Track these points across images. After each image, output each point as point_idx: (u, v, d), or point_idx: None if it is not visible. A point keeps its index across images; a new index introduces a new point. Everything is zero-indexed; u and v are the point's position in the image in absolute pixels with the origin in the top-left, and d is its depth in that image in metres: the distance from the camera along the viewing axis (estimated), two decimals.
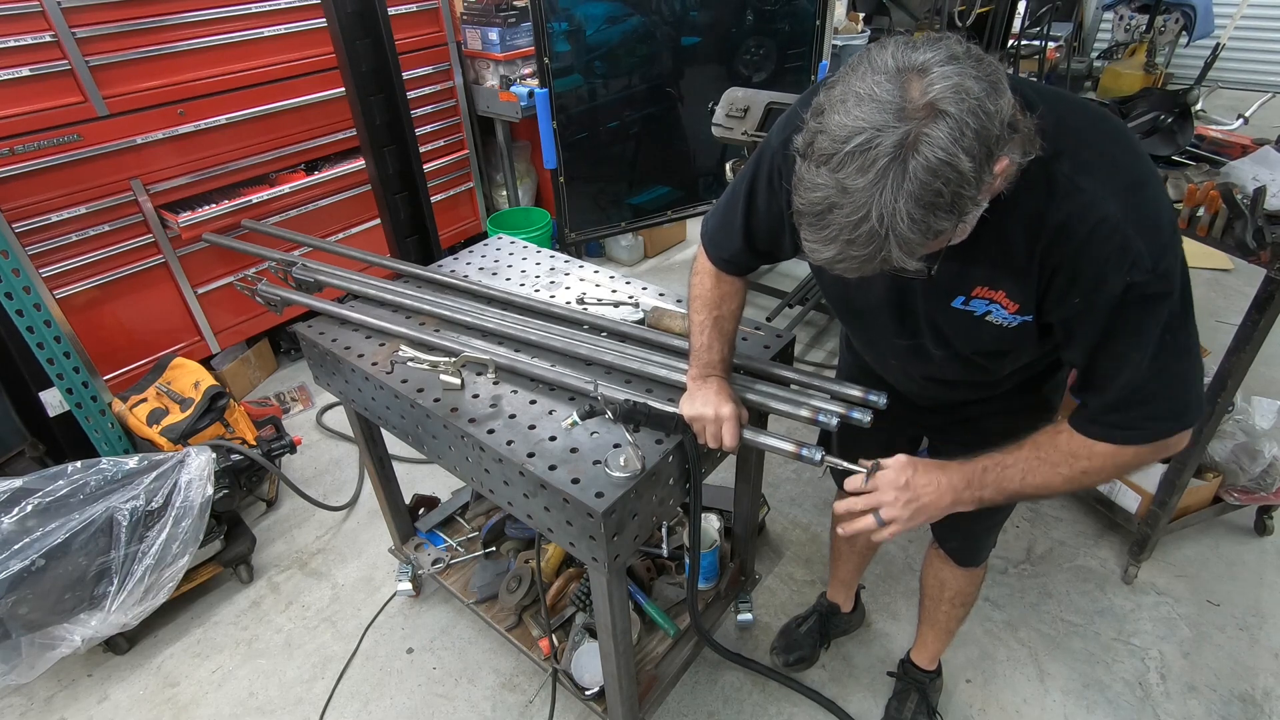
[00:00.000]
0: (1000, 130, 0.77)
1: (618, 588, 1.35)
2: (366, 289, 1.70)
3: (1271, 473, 2.15)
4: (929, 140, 0.74)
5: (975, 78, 0.75)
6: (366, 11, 2.23)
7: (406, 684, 1.98)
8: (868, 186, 0.75)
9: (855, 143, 0.75)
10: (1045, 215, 0.89)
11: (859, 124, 0.75)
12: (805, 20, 3.58)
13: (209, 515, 1.98)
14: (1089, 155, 0.89)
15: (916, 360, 1.20)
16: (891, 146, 0.74)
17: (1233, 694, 1.90)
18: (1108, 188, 0.88)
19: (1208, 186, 1.84)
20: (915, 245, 0.78)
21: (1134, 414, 0.98)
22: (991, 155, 0.77)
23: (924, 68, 0.76)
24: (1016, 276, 0.96)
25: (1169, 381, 0.96)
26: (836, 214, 0.78)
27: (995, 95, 0.76)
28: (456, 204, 3.86)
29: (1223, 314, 3.40)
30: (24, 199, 2.33)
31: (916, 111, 0.74)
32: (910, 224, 0.76)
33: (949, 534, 1.56)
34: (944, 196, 0.75)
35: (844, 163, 0.76)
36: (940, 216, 0.77)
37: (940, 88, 0.74)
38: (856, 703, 1.90)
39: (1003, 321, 1.01)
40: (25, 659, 1.77)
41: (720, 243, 1.26)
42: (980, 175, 0.77)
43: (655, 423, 1.23)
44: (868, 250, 0.79)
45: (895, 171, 0.74)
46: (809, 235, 0.83)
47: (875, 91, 0.76)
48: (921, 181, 0.74)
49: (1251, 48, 6.33)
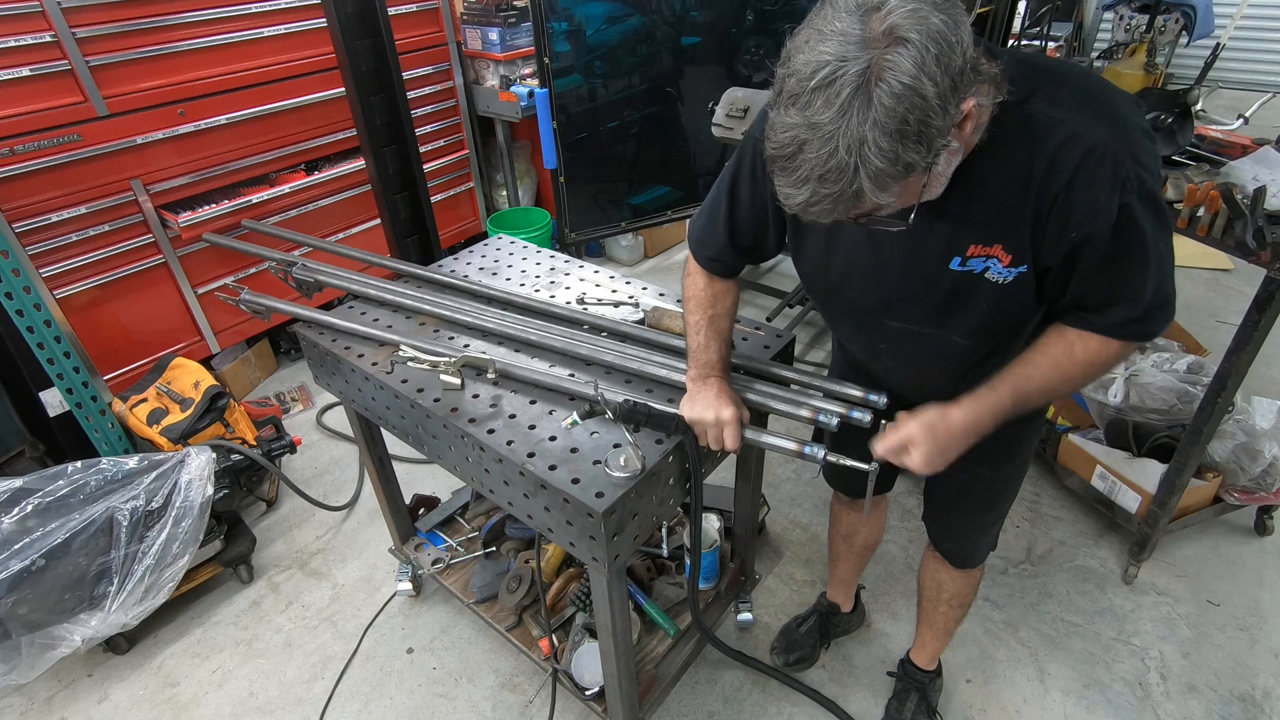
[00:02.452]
0: (963, 63, 0.78)
1: (618, 588, 1.35)
2: (366, 289, 1.70)
3: (1271, 473, 2.15)
4: (891, 66, 0.75)
5: (933, 7, 0.77)
6: (366, 11, 2.23)
7: (406, 684, 1.98)
8: (834, 118, 0.77)
9: (819, 77, 0.77)
10: (1031, 155, 0.91)
11: (822, 58, 0.77)
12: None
13: (209, 515, 1.98)
14: (1061, 90, 0.91)
15: (906, 344, 1.19)
16: (855, 75, 0.75)
17: (1233, 694, 1.90)
18: (1087, 114, 0.89)
19: (1208, 186, 1.84)
20: (885, 176, 0.79)
21: (1148, 317, 1.00)
22: (956, 87, 0.79)
23: (882, 2, 0.77)
24: (1010, 227, 0.97)
25: (1165, 280, 0.99)
26: (806, 152, 0.79)
27: (955, 28, 0.78)
28: (456, 204, 3.86)
29: (1223, 314, 3.39)
30: (24, 199, 2.33)
31: (877, 40, 0.76)
32: (878, 153, 0.77)
33: (943, 537, 1.56)
34: (910, 124, 0.77)
35: (811, 100, 0.78)
36: (909, 146, 0.78)
37: (899, 14, 0.76)
38: (856, 703, 1.90)
39: (999, 278, 1.01)
40: (25, 659, 1.77)
41: (706, 241, 1.27)
42: (945, 105, 0.78)
43: (655, 423, 1.23)
44: (839, 186, 0.80)
45: (860, 100, 0.76)
46: (781, 181, 0.84)
47: (836, 26, 0.78)
48: (887, 108, 0.76)
49: (1251, 48, 6.33)
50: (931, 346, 1.17)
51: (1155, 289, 0.98)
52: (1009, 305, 1.04)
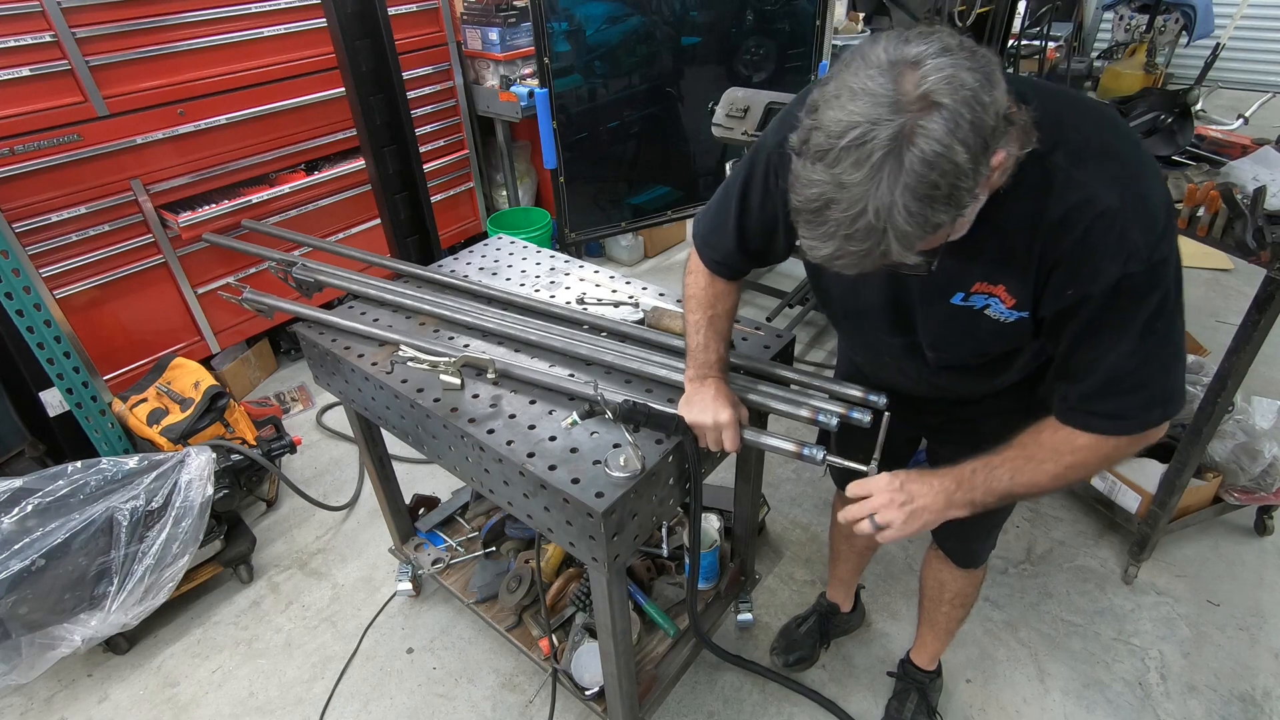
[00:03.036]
0: (996, 122, 0.76)
1: (618, 588, 1.35)
2: (366, 289, 1.70)
3: (1271, 473, 2.15)
4: (924, 132, 0.73)
5: (969, 69, 0.75)
6: (366, 11, 2.23)
7: (406, 684, 1.98)
8: (863, 180, 0.75)
9: (850, 137, 0.75)
10: (1044, 210, 0.89)
11: (853, 118, 0.75)
12: (805, 20, 3.58)
13: (209, 515, 1.98)
14: (1085, 147, 0.89)
15: (911, 361, 1.20)
16: (886, 140, 0.73)
17: (1233, 694, 1.90)
18: (1105, 178, 0.87)
19: (1208, 186, 1.84)
20: (913, 239, 0.78)
21: (1118, 403, 0.97)
22: (988, 147, 0.77)
23: (917, 60, 0.75)
24: (1016, 272, 0.96)
25: (1154, 370, 0.95)
26: (834, 209, 0.78)
27: (990, 87, 0.76)
28: (456, 204, 3.86)
29: (1223, 314, 3.40)
30: (24, 199, 2.33)
31: (911, 104, 0.74)
32: (907, 217, 0.76)
33: (947, 535, 1.55)
34: (940, 189, 0.75)
35: (839, 158, 0.76)
36: (938, 209, 0.77)
37: (934, 79, 0.74)
38: (856, 703, 1.90)
39: (1000, 316, 1.00)
40: (25, 659, 1.77)
41: (713, 244, 1.26)
42: (977, 167, 0.76)
43: (655, 423, 1.23)
44: (865, 245, 0.79)
45: (891, 165, 0.74)
46: (806, 233, 0.83)
47: (868, 85, 0.75)
48: (918, 174, 0.74)
49: (1251, 48, 6.33)
50: (934, 365, 1.17)
51: (1137, 370, 0.94)
52: (1009, 340, 1.05)
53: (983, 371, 1.17)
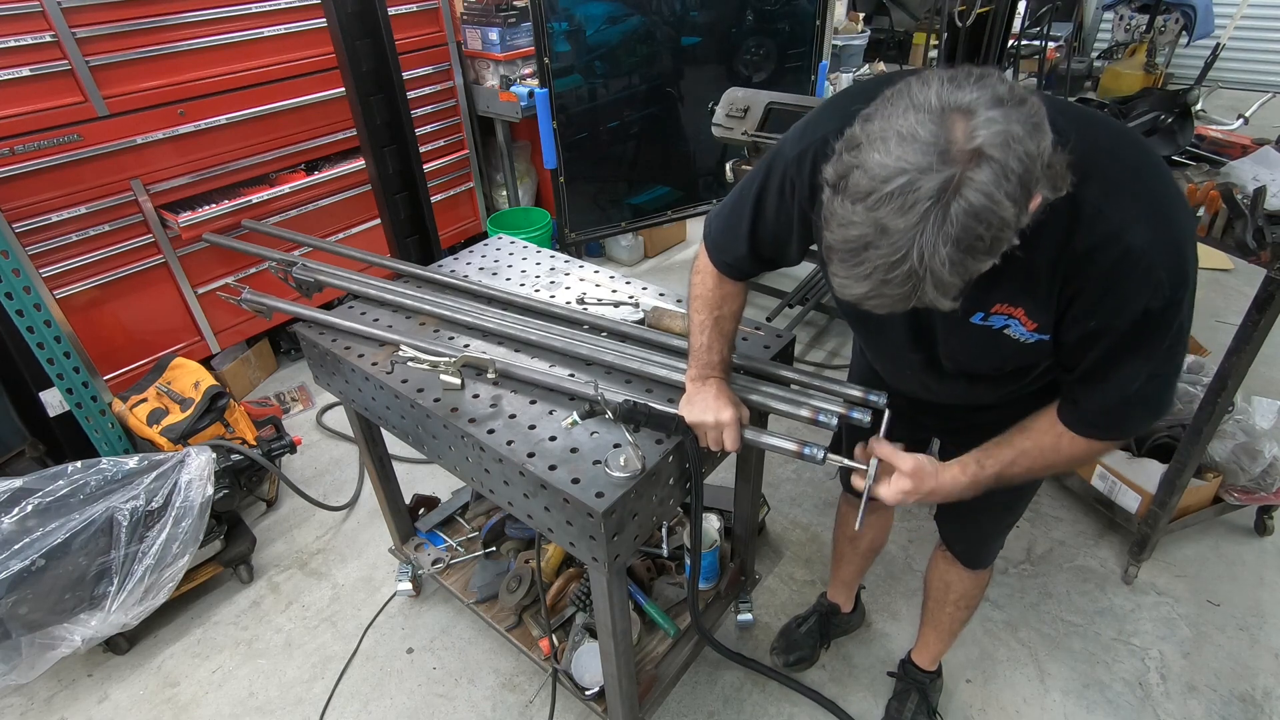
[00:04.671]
0: (1040, 172, 0.76)
1: (618, 588, 1.35)
2: (366, 289, 1.70)
3: (1271, 473, 2.15)
4: (973, 185, 0.72)
5: (1019, 121, 0.74)
6: (366, 11, 2.23)
7: (406, 684, 1.98)
8: (908, 229, 0.74)
9: (896, 184, 0.73)
10: (1070, 241, 0.89)
11: (900, 164, 0.73)
12: (805, 20, 3.58)
13: (209, 515, 1.98)
14: (1114, 180, 0.89)
15: (930, 373, 1.21)
16: (934, 190, 0.72)
17: (1233, 694, 1.90)
18: (1133, 214, 0.87)
19: (1208, 186, 1.84)
20: (952, 288, 0.78)
21: (1126, 414, 1.04)
22: (1030, 196, 0.76)
23: (969, 109, 0.74)
24: (1037, 297, 0.96)
25: (1162, 384, 1.00)
26: (872, 253, 0.77)
27: (1038, 137, 0.75)
28: (456, 204, 3.86)
29: (1223, 314, 3.40)
30: (24, 199, 2.33)
31: (961, 155, 0.73)
32: (950, 268, 0.75)
33: (957, 537, 1.55)
34: (984, 240, 0.75)
35: (882, 202, 0.74)
36: (979, 258, 0.76)
37: (986, 134, 0.72)
38: (856, 703, 1.90)
39: (1020, 337, 1.01)
40: (25, 659, 1.77)
41: (724, 246, 1.25)
42: (1019, 216, 0.76)
43: (655, 423, 1.23)
44: (903, 290, 0.78)
45: (936, 215, 0.73)
46: (840, 271, 0.82)
47: (918, 131, 0.74)
48: (963, 225, 0.73)
49: (1251, 48, 6.33)
50: (953, 375, 1.19)
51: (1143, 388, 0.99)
52: (1028, 358, 1.06)
53: (1002, 382, 1.18)
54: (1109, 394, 1.01)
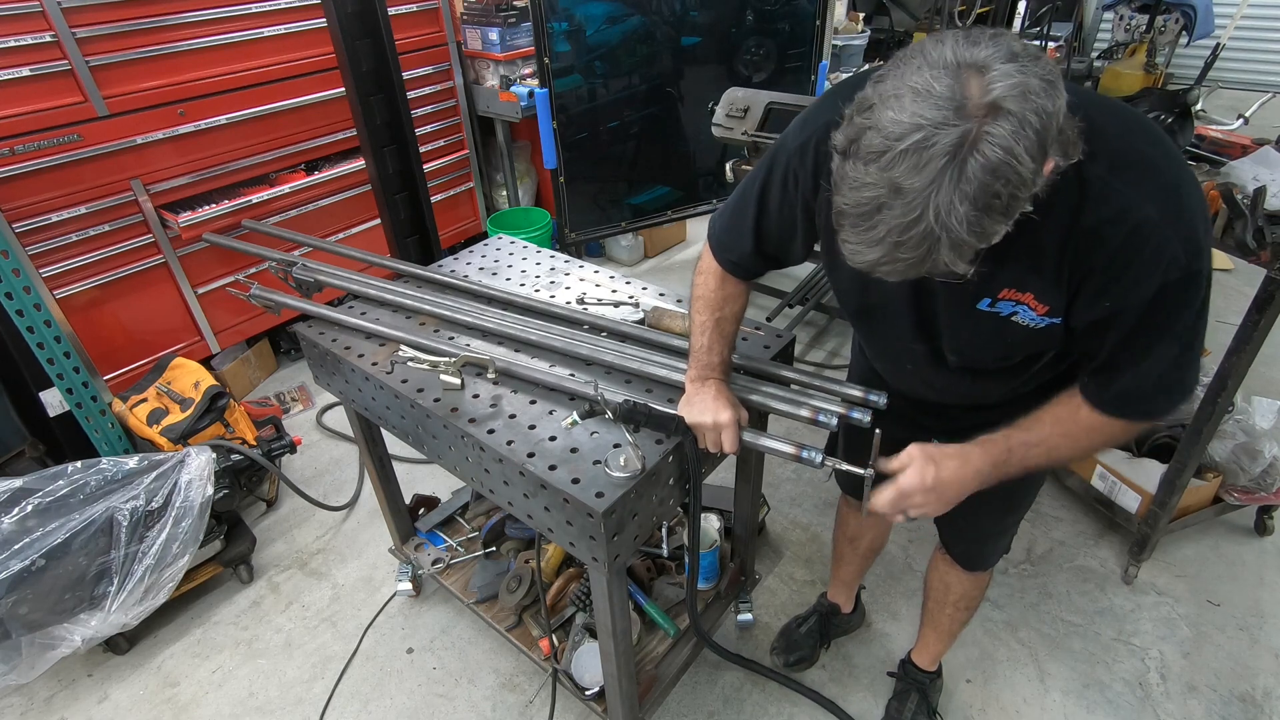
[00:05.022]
0: (1054, 131, 0.75)
1: (618, 588, 1.35)
2: (366, 289, 1.70)
3: (1271, 473, 2.14)
4: (990, 139, 0.71)
5: (1036, 76, 0.73)
6: (366, 11, 2.23)
7: (406, 684, 1.98)
8: (923, 187, 0.72)
9: (911, 140, 0.72)
10: (1078, 218, 0.88)
11: (916, 120, 0.72)
12: (805, 20, 3.58)
13: (209, 515, 1.98)
14: (1124, 156, 0.87)
15: (933, 367, 1.19)
16: (950, 145, 0.71)
17: (1233, 694, 1.90)
18: (1144, 189, 0.86)
19: (1208, 186, 1.84)
20: (967, 248, 0.76)
21: (1153, 396, 1.01)
22: (1046, 155, 0.75)
23: (984, 65, 0.73)
24: (1045, 278, 0.95)
25: (1185, 368, 0.98)
26: (886, 214, 0.75)
27: (1053, 95, 0.73)
28: (456, 204, 3.86)
29: (1223, 314, 3.39)
30: (24, 199, 2.33)
31: (977, 109, 0.71)
32: (966, 226, 0.73)
33: (957, 539, 1.55)
34: (1001, 198, 0.73)
35: (897, 160, 0.73)
36: (995, 218, 0.75)
37: (1003, 86, 0.71)
38: (856, 703, 1.90)
39: (1030, 323, 1.00)
40: (25, 659, 1.77)
41: (728, 245, 1.24)
42: (1035, 176, 0.74)
43: (655, 423, 1.23)
44: (918, 252, 0.76)
45: (953, 171, 0.71)
46: (852, 237, 0.80)
47: (933, 87, 0.72)
48: (981, 182, 0.72)
49: (1251, 48, 6.33)
50: (957, 371, 1.17)
51: (1170, 369, 0.97)
52: (1038, 344, 1.04)
53: (1005, 376, 1.16)
54: (1137, 377, 0.98)
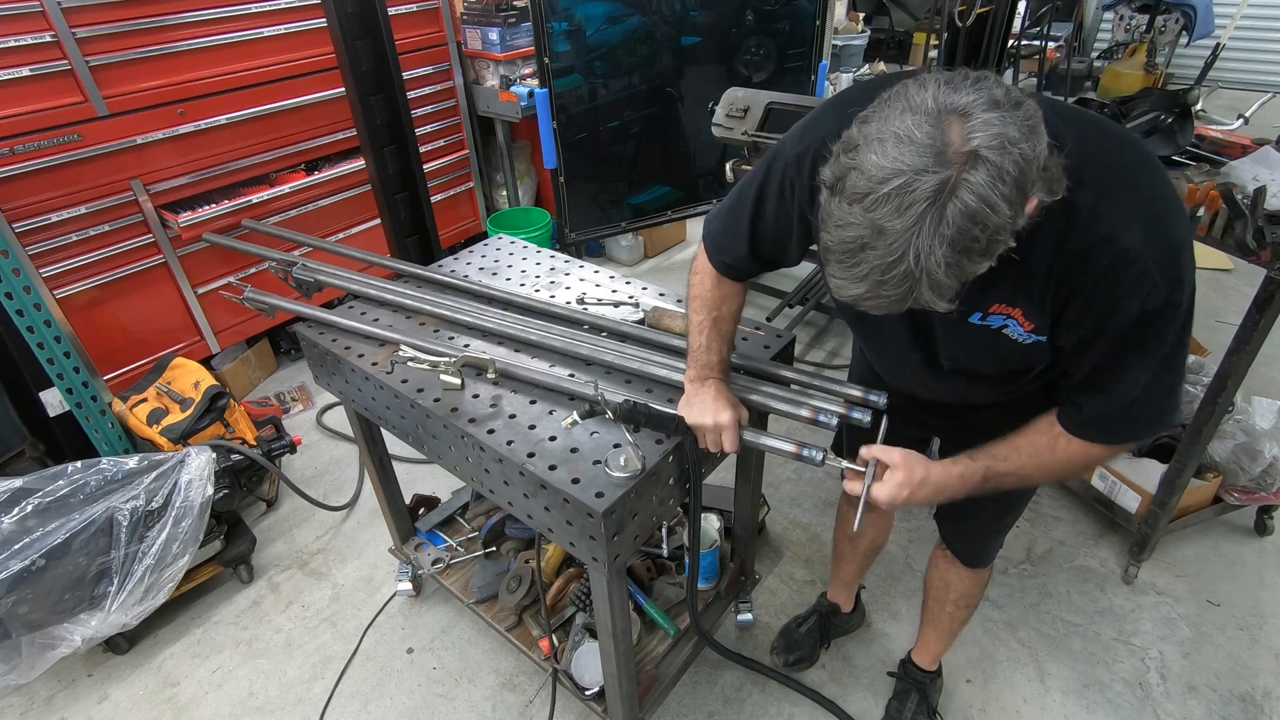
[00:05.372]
0: (1035, 174, 0.76)
1: (618, 588, 1.35)
2: (366, 289, 1.70)
3: (1271, 473, 2.15)
4: (969, 186, 0.73)
5: (1015, 124, 0.74)
6: (366, 11, 2.23)
7: (406, 684, 1.98)
8: (904, 230, 0.74)
9: (892, 185, 0.74)
10: (1065, 242, 0.90)
11: (897, 165, 0.74)
12: (805, 20, 3.58)
13: (209, 515, 1.98)
14: (1111, 182, 0.89)
15: (929, 372, 1.21)
16: (930, 191, 0.73)
17: (1233, 694, 1.90)
18: (1129, 215, 0.87)
19: (1208, 186, 1.84)
20: (947, 289, 0.79)
21: (1130, 420, 1.03)
22: (1026, 198, 0.77)
23: (965, 112, 0.75)
24: (1033, 298, 0.96)
25: (1164, 390, 1.01)
26: (869, 254, 0.77)
27: (1034, 140, 0.76)
28: (456, 204, 3.86)
29: (1223, 314, 3.39)
30: (24, 199, 2.33)
31: (957, 157, 0.73)
32: (945, 269, 0.76)
33: (957, 536, 1.55)
34: (979, 241, 0.75)
35: (879, 203, 0.75)
36: (975, 259, 0.77)
37: (983, 136, 0.73)
38: (856, 703, 1.90)
39: (1019, 338, 1.01)
40: (25, 659, 1.77)
41: (724, 246, 1.25)
42: (1015, 218, 0.76)
43: (655, 423, 1.23)
44: (899, 291, 0.79)
45: (933, 216, 0.74)
46: (837, 272, 0.83)
47: (914, 133, 0.74)
48: (959, 227, 0.74)
49: (1251, 48, 6.34)
50: (954, 376, 1.19)
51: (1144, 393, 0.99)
52: (1026, 359, 1.06)
53: (1001, 381, 1.18)
54: (1110, 400, 1.01)
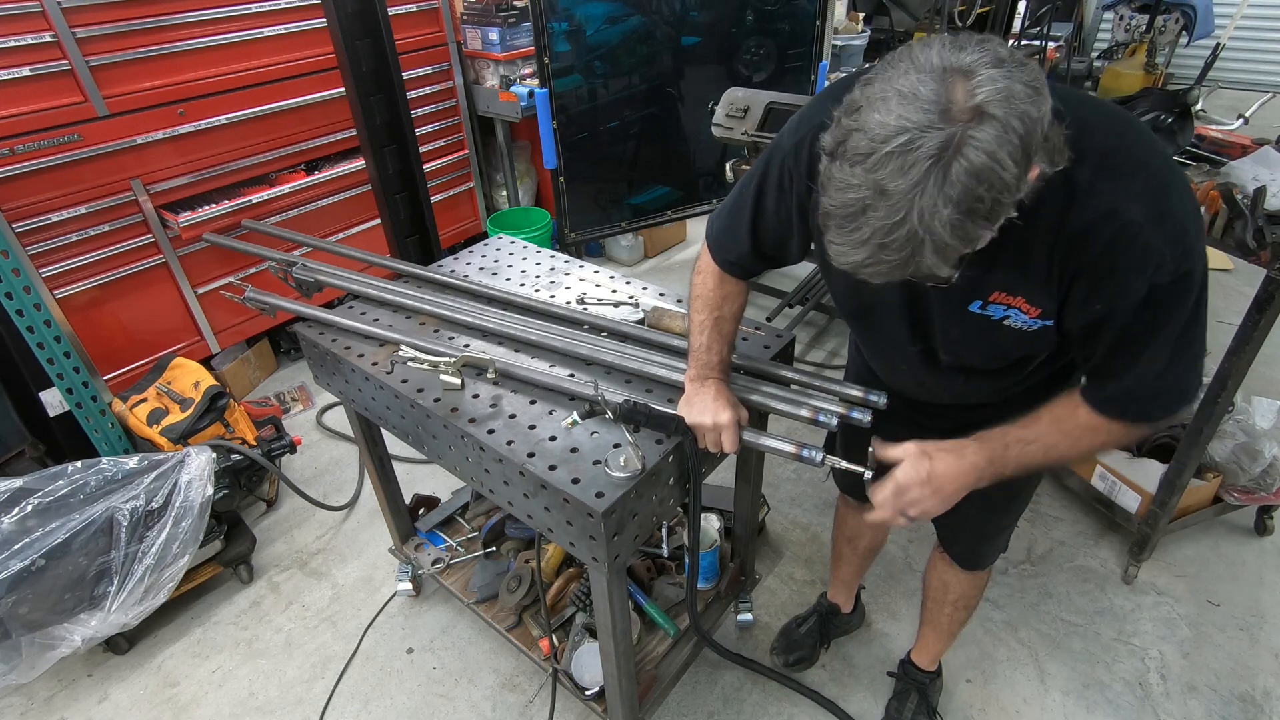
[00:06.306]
0: (1040, 137, 0.75)
1: (618, 588, 1.35)
2: (366, 289, 1.70)
3: (1271, 473, 2.14)
4: (974, 144, 0.71)
5: (1021, 82, 0.73)
6: (366, 11, 2.23)
7: (406, 684, 1.98)
8: (908, 189, 0.73)
9: (896, 143, 0.72)
10: (1065, 220, 0.88)
11: (901, 123, 0.72)
12: (805, 20, 3.58)
13: (209, 515, 1.98)
14: (1112, 158, 0.88)
15: (926, 367, 1.20)
16: (934, 148, 0.71)
17: (1233, 694, 1.90)
18: (1130, 190, 0.86)
19: (1208, 186, 1.84)
20: (951, 251, 0.77)
21: (1149, 398, 1.01)
22: (1030, 162, 0.75)
23: (970, 69, 0.73)
24: (1035, 281, 0.95)
25: (1183, 368, 0.98)
26: (871, 215, 0.75)
27: (1038, 101, 0.74)
28: (456, 204, 3.86)
29: (1223, 314, 3.39)
30: (24, 199, 2.33)
31: (962, 113, 0.72)
32: (949, 229, 0.74)
33: (954, 539, 1.55)
34: (984, 202, 0.74)
35: (882, 163, 0.73)
36: (978, 222, 0.75)
37: (988, 91, 0.72)
38: (856, 703, 1.90)
39: (1022, 325, 1.00)
40: (25, 659, 1.77)
41: (726, 245, 1.25)
42: (1019, 182, 0.75)
43: (655, 423, 1.23)
44: (901, 255, 0.77)
45: (937, 174, 0.72)
46: (837, 238, 0.81)
47: (919, 90, 0.73)
48: (964, 186, 0.72)
49: (1251, 48, 6.33)
50: (951, 372, 1.17)
51: (1166, 371, 0.97)
52: (1030, 346, 1.04)
53: (998, 376, 1.16)
54: (1132, 381, 0.98)
